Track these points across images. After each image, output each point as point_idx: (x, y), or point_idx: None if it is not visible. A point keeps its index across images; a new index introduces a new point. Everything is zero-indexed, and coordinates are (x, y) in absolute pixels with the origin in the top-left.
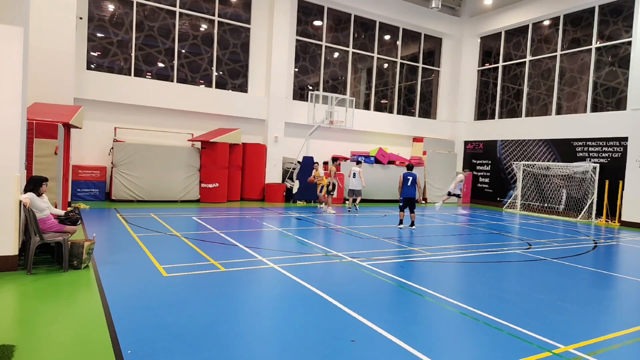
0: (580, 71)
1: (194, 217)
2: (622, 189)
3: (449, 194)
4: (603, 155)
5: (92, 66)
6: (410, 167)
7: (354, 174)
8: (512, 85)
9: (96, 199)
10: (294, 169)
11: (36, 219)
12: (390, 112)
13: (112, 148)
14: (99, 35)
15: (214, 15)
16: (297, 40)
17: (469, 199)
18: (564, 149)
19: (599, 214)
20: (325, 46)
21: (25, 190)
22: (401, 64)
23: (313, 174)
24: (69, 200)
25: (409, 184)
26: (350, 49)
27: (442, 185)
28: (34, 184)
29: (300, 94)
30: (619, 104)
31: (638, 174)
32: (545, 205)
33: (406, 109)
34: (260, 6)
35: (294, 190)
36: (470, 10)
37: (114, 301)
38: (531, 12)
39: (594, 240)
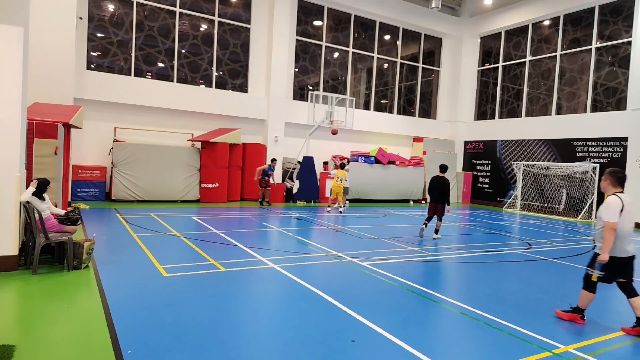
0: (580, 71)
1: (194, 217)
2: None
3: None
4: (603, 155)
5: (92, 66)
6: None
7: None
8: (512, 85)
9: (96, 199)
10: (294, 169)
11: (42, 219)
12: (390, 112)
13: (112, 148)
14: (99, 35)
15: (214, 15)
16: (297, 40)
17: (469, 199)
18: (564, 149)
19: None
20: (325, 46)
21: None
22: (401, 64)
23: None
24: (69, 200)
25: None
26: (350, 49)
27: None
28: (43, 187)
29: (300, 94)
30: (619, 104)
31: (638, 174)
32: (545, 205)
33: (406, 109)
34: (260, 6)
35: (294, 190)
36: (470, 10)
37: (114, 301)
38: (531, 12)
39: (594, 240)
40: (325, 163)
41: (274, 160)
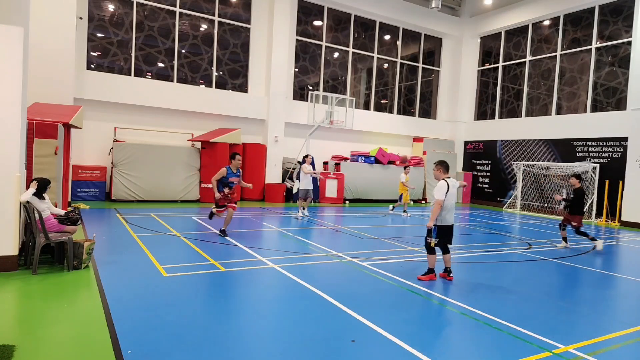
0: (580, 71)
1: (194, 217)
2: (622, 189)
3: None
4: (603, 155)
5: (92, 66)
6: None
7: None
8: (512, 85)
9: (96, 199)
10: (293, 169)
11: (42, 219)
12: (390, 112)
13: (112, 148)
14: (99, 35)
15: (214, 15)
16: (297, 40)
17: (469, 199)
18: (564, 149)
19: (599, 214)
20: (325, 46)
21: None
22: (401, 64)
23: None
24: (69, 200)
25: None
26: (350, 49)
27: None
28: (43, 187)
29: (300, 94)
30: (619, 104)
31: (638, 174)
32: (545, 205)
33: (406, 109)
34: (260, 6)
35: (294, 191)
36: (470, 10)
37: (114, 301)
38: (531, 12)
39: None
40: (325, 163)
41: (236, 155)
